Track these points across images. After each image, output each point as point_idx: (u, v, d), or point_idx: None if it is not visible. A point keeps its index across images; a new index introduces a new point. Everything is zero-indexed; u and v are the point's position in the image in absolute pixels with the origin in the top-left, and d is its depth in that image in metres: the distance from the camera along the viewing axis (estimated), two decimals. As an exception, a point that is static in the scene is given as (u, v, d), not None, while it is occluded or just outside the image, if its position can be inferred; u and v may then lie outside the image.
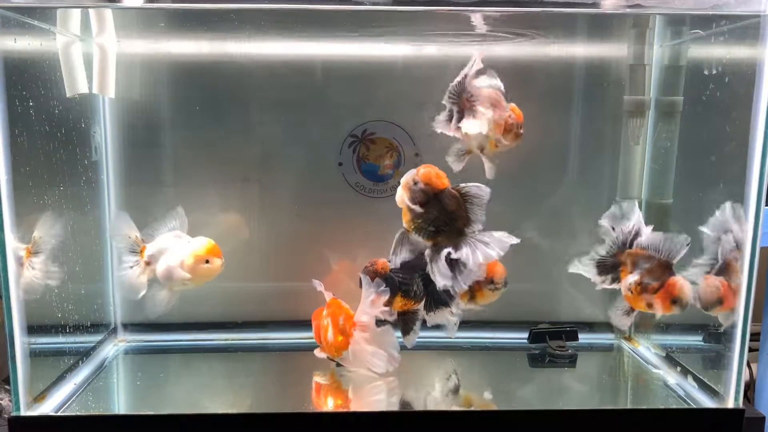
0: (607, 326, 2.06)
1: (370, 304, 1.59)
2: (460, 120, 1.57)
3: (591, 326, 2.05)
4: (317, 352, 1.75)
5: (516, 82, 1.91)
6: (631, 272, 1.63)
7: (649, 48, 1.93)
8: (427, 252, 1.58)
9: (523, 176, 1.98)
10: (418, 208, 1.53)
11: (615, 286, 1.67)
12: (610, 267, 1.68)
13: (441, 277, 1.54)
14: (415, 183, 1.53)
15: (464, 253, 1.52)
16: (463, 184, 1.55)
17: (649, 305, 1.62)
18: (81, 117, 1.79)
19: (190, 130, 1.94)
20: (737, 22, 1.55)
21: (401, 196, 1.55)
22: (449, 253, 1.53)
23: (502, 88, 1.60)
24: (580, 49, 1.96)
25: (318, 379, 1.75)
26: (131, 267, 1.70)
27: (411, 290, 1.61)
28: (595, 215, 1.94)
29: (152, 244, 1.69)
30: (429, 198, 1.53)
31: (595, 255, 1.69)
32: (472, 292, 1.62)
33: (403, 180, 1.55)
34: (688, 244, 1.59)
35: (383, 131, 1.96)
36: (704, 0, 1.53)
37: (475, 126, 1.55)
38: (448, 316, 1.63)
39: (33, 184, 1.53)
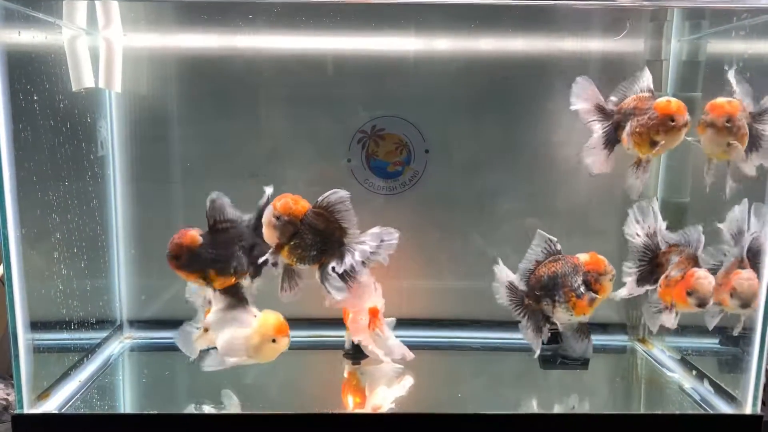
0: (621, 327, 2.03)
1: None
2: (609, 140, 1.58)
3: (604, 327, 2.00)
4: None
5: (530, 77, 1.89)
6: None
7: (667, 43, 1.88)
8: (317, 275, 1.51)
9: (536, 174, 1.95)
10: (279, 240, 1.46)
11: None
12: (648, 274, 1.63)
13: (336, 292, 1.47)
14: (278, 218, 1.46)
15: (346, 262, 1.47)
16: (320, 197, 1.48)
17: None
18: (87, 111, 1.77)
19: (198, 125, 1.92)
20: (759, 16, 1.50)
21: (270, 236, 1.47)
22: (333, 268, 1.47)
23: (651, 84, 1.56)
24: (595, 44, 1.92)
25: (328, 378, 1.73)
26: (197, 327, 1.55)
27: (229, 266, 1.51)
28: (610, 214, 1.91)
29: (214, 311, 1.53)
30: (296, 226, 1.46)
31: (630, 270, 1.64)
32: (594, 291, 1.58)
33: (264, 220, 1.47)
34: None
35: (393, 127, 1.93)
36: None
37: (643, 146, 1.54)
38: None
39: (37, 179, 1.52)
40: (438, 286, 1.98)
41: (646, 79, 1.57)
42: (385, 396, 1.62)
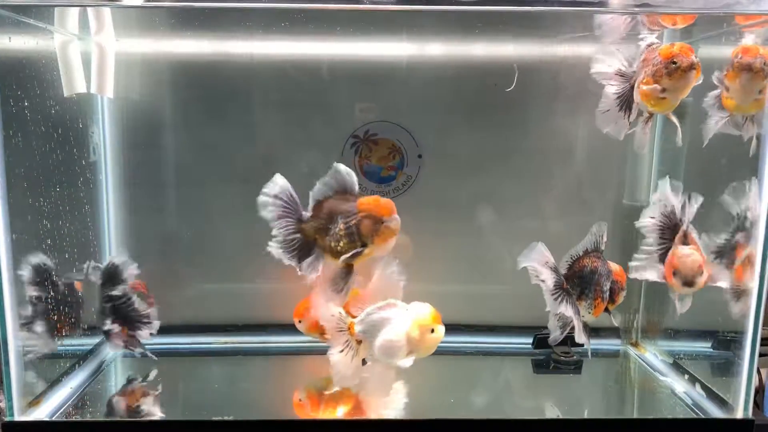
0: (614, 332, 2.03)
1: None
2: (626, 102, 1.53)
3: (597, 332, 2.00)
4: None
5: (522, 83, 1.90)
6: None
7: (659, 48, 1.88)
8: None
9: (528, 179, 1.95)
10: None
11: None
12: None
13: None
14: None
15: None
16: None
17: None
18: (79, 117, 1.77)
19: (190, 131, 1.92)
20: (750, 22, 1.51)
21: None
22: None
23: (655, 38, 1.53)
24: (587, 49, 1.92)
25: (322, 384, 1.73)
26: (341, 351, 1.47)
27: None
28: (601, 219, 1.91)
29: (360, 319, 1.46)
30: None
31: (648, 252, 1.58)
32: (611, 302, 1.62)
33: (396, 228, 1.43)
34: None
35: (386, 132, 1.93)
36: (715, -1, 1.49)
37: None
38: None
39: (28, 185, 1.51)
40: (431, 291, 1.98)
41: (654, 36, 1.53)
42: (374, 401, 1.62)
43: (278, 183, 1.46)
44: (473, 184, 1.96)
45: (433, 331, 1.45)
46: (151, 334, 1.66)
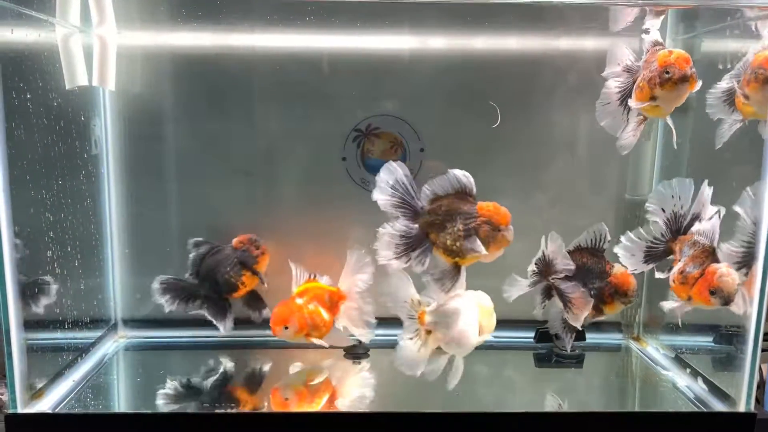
0: (615, 326, 2.03)
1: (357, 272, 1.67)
2: (623, 98, 1.54)
3: (599, 326, 2.01)
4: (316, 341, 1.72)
5: (524, 76, 1.89)
6: (679, 260, 1.50)
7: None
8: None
9: (530, 173, 1.95)
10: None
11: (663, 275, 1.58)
12: (660, 254, 1.56)
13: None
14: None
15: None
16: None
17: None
18: (81, 110, 1.76)
19: (192, 123, 1.92)
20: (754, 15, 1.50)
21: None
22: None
23: (659, 37, 1.53)
24: (589, 43, 1.92)
25: (321, 376, 1.74)
26: (411, 338, 1.48)
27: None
28: (603, 213, 1.91)
29: (432, 309, 1.48)
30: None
31: (641, 238, 1.58)
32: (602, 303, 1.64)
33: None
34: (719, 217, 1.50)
35: (388, 126, 1.93)
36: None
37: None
38: None
39: (31, 177, 1.51)
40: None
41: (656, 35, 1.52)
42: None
43: (399, 170, 1.45)
44: (475, 177, 1.95)
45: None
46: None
